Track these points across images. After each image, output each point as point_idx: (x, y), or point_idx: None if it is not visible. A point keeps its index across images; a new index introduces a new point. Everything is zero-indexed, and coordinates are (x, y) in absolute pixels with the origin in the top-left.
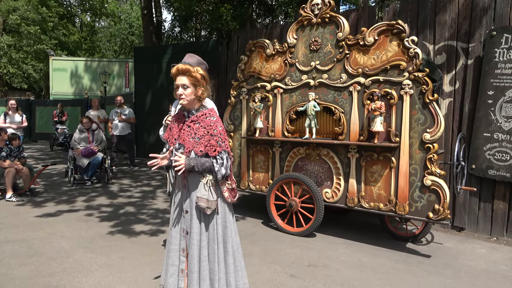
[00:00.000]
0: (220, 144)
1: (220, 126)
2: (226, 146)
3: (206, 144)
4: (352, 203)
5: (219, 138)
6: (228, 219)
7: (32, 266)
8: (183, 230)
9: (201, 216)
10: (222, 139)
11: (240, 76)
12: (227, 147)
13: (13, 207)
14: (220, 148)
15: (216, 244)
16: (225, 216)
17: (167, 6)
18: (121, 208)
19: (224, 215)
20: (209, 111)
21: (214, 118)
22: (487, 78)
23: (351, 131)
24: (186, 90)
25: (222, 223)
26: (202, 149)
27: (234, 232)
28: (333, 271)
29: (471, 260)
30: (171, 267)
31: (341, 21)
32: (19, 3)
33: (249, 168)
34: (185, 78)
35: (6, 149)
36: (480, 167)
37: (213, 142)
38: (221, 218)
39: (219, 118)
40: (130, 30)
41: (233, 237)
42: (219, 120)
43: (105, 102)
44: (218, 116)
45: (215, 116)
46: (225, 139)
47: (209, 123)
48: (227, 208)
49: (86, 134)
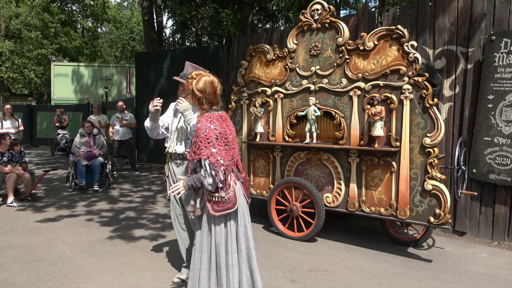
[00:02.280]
0: (200, 152)
1: (202, 133)
2: (204, 154)
3: (193, 151)
4: (353, 207)
5: (199, 145)
6: (218, 233)
7: (33, 272)
8: None
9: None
10: (201, 147)
11: (241, 81)
12: (205, 155)
13: (14, 212)
14: (196, 156)
15: (200, 252)
16: (211, 229)
17: (168, 12)
18: (122, 213)
19: (209, 227)
20: (201, 117)
21: (199, 124)
22: (487, 82)
23: (351, 136)
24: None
25: (208, 233)
26: (193, 157)
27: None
28: (334, 276)
29: (473, 264)
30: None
31: (341, 27)
32: (22, 9)
33: (250, 172)
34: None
35: (7, 154)
36: (481, 171)
37: (194, 148)
38: (206, 227)
39: (207, 124)
40: (131, 36)
41: (220, 253)
42: (202, 127)
43: (106, 107)
44: (207, 122)
45: (200, 122)
46: (205, 146)
47: (196, 129)
48: (214, 220)
49: (87, 139)
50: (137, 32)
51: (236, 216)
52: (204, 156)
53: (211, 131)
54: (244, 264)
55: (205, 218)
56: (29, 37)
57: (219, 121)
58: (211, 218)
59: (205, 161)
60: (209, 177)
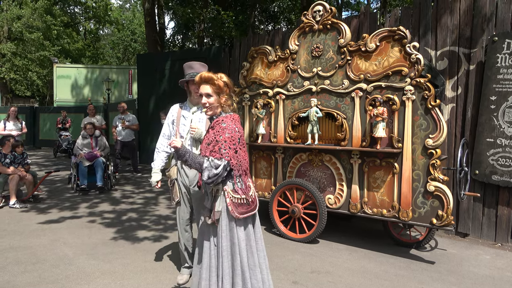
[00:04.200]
0: (221, 152)
1: (228, 133)
2: (227, 154)
3: (212, 149)
4: (355, 209)
5: (222, 145)
6: (237, 235)
7: (35, 273)
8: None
9: (210, 225)
10: (225, 147)
11: (242, 82)
12: (229, 156)
13: (16, 213)
14: (219, 155)
15: (221, 257)
16: (232, 231)
17: (170, 13)
18: (124, 215)
19: (229, 230)
20: (224, 117)
21: (224, 124)
22: (489, 83)
23: (353, 137)
24: (210, 99)
25: (228, 237)
26: (208, 155)
27: (248, 251)
28: (336, 277)
29: (476, 266)
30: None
31: (343, 28)
32: (25, 11)
33: (252, 174)
34: (208, 86)
35: (10, 156)
36: (484, 172)
37: (216, 148)
38: (225, 232)
39: (233, 126)
40: (132, 38)
41: (243, 256)
42: (229, 127)
43: (108, 109)
44: (232, 123)
45: (226, 123)
46: (229, 147)
47: (219, 129)
48: (235, 223)
49: (89, 140)
50: (139, 33)
51: (255, 217)
52: (227, 157)
53: (236, 133)
54: (263, 264)
55: (226, 222)
56: (30, 38)
57: (239, 123)
58: (232, 221)
59: (223, 161)
60: (210, 172)
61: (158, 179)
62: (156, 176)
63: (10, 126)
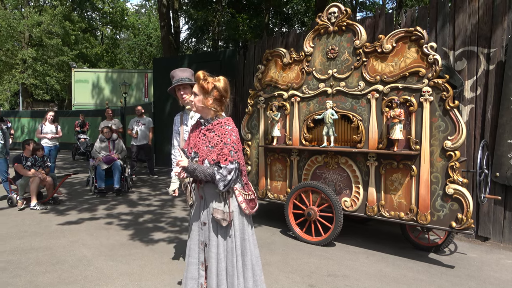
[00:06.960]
0: (232, 154)
1: (235, 135)
2: (238, 157)
3: (219, 153)
4: (372, 212)
5: (231, 147)
6: (247, 231)
7: (55, 274)
8: (201, 243)
9: (218, 228)
10: (235, 149)
11: (257, 85)
12: (239, 158)
13: (37, 215)
14: (231, 158)
15: (235, 257)
16: (243, 229)
17: (185, 17)
18: (141, 216)
19: (242, 228)
20: (225, 120)
21: (229, 127)
22: (510, 83)
23: (369, 139)
24: (196, 98)
25: (240, 235)
26: (215, 158)
27: (253, 245)
28: (354, 281)
29: (497, 271)
30: (191, 281)
31: (358, 29)
32: (44, 17)
33: (267, 176)
34: (196, 85)
35: (30, 159)
36: (505, 174)
37: (225, 151)
38: (239, 231)
39: (236, 128)
40: (148, 42)
41: (252, 250)
42: (234, 130)
43: (125, 112)
44: (235, 126)
45: (230, 125)
46: (239, 149)
47: (224, 131)
48: (245, 220)
49: (107, 144)
50: (154, 37)
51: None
52: (238, 159)
53: (238, 135)
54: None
55: (238, 221)
56: (49, 44)
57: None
58: (243, 218)
59: (235, 163)
60: (225, 181)
61: (175, 188)
62: (174, 185)
63: (47, 129)
